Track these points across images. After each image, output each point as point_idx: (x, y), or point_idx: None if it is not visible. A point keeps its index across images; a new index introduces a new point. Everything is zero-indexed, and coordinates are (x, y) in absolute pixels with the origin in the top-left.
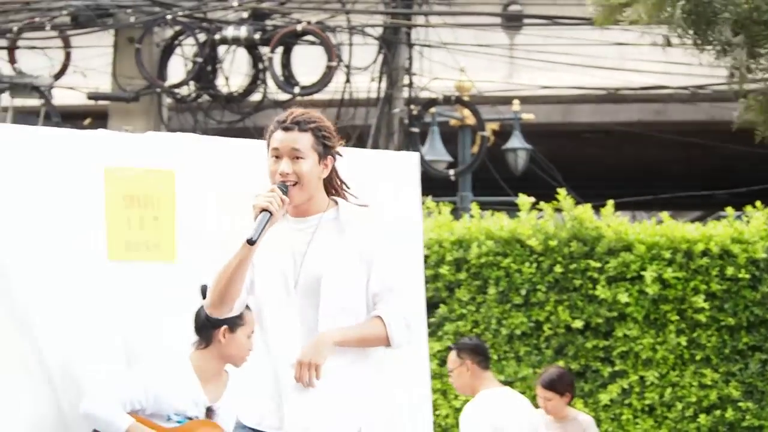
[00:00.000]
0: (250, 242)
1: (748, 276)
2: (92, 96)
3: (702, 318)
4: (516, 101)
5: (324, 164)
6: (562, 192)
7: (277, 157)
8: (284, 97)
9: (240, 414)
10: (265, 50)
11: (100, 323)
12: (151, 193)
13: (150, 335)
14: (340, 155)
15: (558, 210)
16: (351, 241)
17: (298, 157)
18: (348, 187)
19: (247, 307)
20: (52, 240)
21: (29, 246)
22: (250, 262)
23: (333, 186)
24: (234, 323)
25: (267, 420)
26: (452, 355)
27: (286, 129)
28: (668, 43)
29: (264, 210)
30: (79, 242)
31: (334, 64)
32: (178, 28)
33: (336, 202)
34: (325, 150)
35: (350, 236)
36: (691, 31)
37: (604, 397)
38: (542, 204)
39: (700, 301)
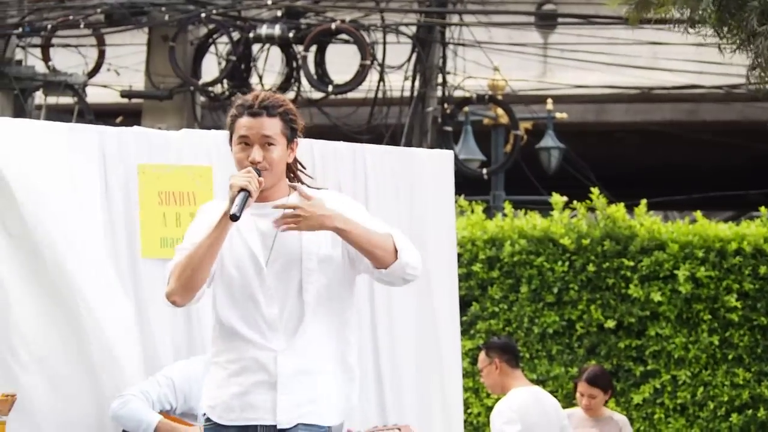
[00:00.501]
0: (234, 218)
1: None
2: (126, 94)
3: (734, 317)
4: (549, 100)
5: (291, 148)
6: (595, 191)
7: (246, 143)
8: (318, 95)
9: (210, 411)
10: (299, 48)
11: (132, 321)
12: (187, 190)
13: (181, 334)
14: (302, 137)
15: (591, 209)
16: None
17: (269, 144)
18: (304, 168)
19: None
20: (86, 235)
21: (63, 240)
22: (222, 243)
23: (291, 169)
24: None
25: (248, 413)
26: (482, 355)
27: (254, 114)
28: (692, 25)
29: (243, 189)
30: (114, 239)
31: (367, 62)
32: (212, 26)
33: (294, 188)
34: (292, 134)
35: None
36: (713, 19)
37: (636, 397)
38: (575, 203)
39: (732, 300)
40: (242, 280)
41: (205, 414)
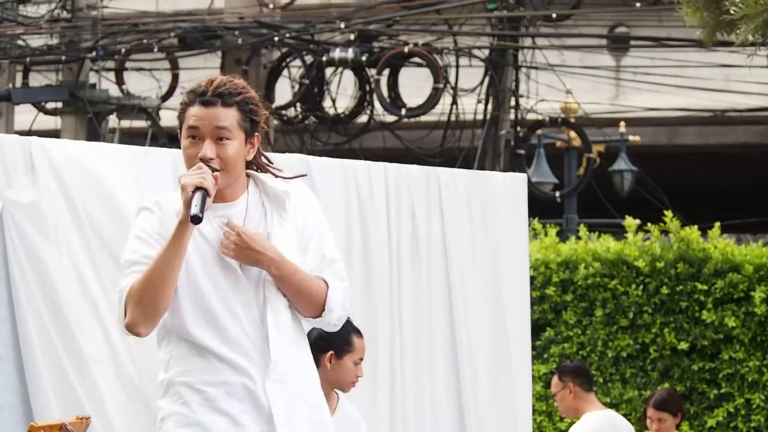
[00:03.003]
0: (196, 220)
1: None
2: None
3: None
4: (622, 123)
5: (251, 143)
6: (668, 213)
7: (194, 137)
8: (391, 118)
9: None
10: (372, 72)
11: None
12: None
13: None
14: (266, 129)
15: (665, 232)
16: (285, 218)
17: (222, 138)
18: (271, 162)
19: (359, 333)
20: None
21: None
22: (184, 255)
23: (258, 164)
24: (341, 349)
25: None
26: (555, 379)
27: (206, 103)
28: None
29: (198, 188)
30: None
31: (440, 85)
32: (285, 49)
33: (249, 176)
34: (252, 127)
35: (284, 214)
36: None
37: (710, 420)
38: (649, 225)
39: None
40: (216, 290)
41: None
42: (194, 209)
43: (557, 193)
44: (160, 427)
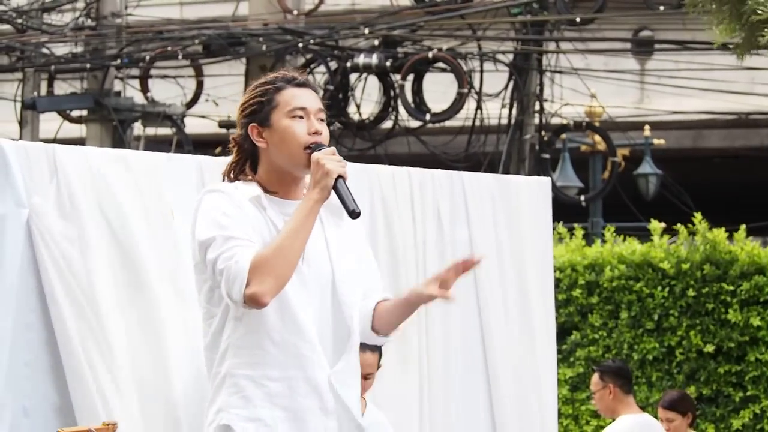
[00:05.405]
0: (355, 215)
1: None
2: (224, 124)
3: None
4: (647, 127)
5: None
6: (698, 216)
7: (299, 116)
8: (415, 124)
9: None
10: (396, 77)
11: None
12: None
13: None
14: None
15: (692, 233)
16: (342, 227)
17: (321, 119)
18: None
19: (369, 348)
20: (184, 265)
21: (160, 269)
22: (312, 229)
23: None
24: None
25: None
26: (595, 377)
27: (302, 85)
28: None
29: (340, 177)
30: None
31: (465, 90)
32: (309, 56)
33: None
34: None
35: (340, 222)
36: None
37: (736, 423)
38: (678, 226)
39: None
40: (292, 280)
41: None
42: (351, 204)
43: (582, 197)
44: (213, 419)
